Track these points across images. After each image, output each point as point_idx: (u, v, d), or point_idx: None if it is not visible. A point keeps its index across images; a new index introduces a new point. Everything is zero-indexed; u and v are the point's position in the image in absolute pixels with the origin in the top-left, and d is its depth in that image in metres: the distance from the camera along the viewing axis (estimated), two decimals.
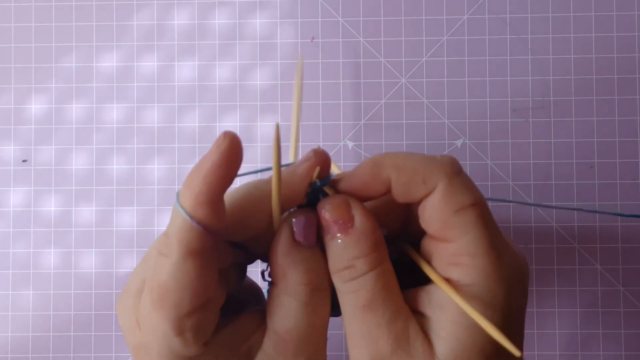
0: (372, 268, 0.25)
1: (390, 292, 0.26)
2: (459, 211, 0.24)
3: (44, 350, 0.42)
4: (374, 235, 0.26)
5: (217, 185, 0.24)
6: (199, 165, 0.24)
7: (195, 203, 0.24)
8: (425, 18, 0.42)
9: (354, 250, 0.26)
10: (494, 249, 0.25)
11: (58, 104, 0.43)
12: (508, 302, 0.25)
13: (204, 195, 0.24)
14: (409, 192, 0.25)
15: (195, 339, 0.25)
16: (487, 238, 0.24)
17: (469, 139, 0.42)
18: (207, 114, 0.43)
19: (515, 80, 0.42)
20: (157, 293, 0.24)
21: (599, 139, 0.42)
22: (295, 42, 0.43)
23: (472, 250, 0.24)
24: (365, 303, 0.25)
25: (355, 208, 0.26)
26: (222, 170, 0.24)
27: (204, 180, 0.24)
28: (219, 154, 0.23)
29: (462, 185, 0.25)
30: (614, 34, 0.42)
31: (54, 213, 0.43)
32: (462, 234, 0.24)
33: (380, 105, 0.42)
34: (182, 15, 0.43)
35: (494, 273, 0.24)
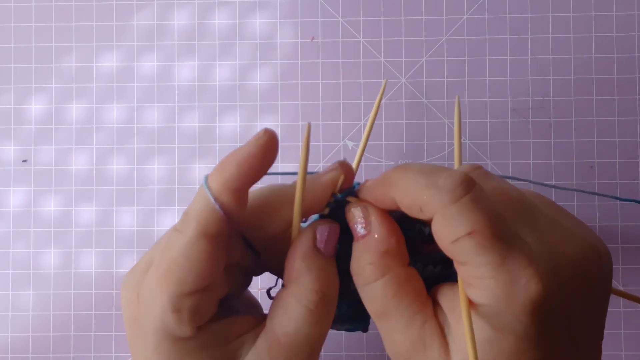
0: (379, 277, 0.26)
1: (404, 299, 0.26)
2: (456, 242, 0.24)
3: (44, 350, 0.42)
4: (385, 243, 0.26)
5: (247, 175, 0.25)
6: (234, 153, 0.25)
7: (224, 187, 0.25)
8: (425, 18, 0.42)
9: (364, 257, 0.27)
10: (503, 272, 0.23)
11: (58, 104, 0.43)
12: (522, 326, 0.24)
13: (233, 181, 0.25)
14: (412, 215, 0.26)
15: (190, 320, 0.25)
16: (491, 262, 0.23)
17: (469, 139, 0.42)
18: (207, 114, 0.43)
19: (515, 80, 0.42)
20: (164, 267, 0.25)
21: (599, 139, 0.42)
22: (295, 42, 0.43)
23: (479, 274, 0.24)
24: (379, 311, 0.26)
25: (372, 214, 0.27)
26: (256, 163, 0.25)
27: (237, 168, 0.25)
28: (257, 147, 0.25)
29: (457, 215, 0.24)
30: (614, 34, 0.42)
31: (54, 213, 0.43)
32: (467, 260, 0.24)
33: (380, 106, 0.42)
34: (182, 15, 0.43)
35: (502, 294, 0.23)
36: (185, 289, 0.25)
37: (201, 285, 0.25)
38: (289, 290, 0.27)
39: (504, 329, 0.24)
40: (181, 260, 0.25)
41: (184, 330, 0.25)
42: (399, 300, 0.26)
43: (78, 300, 0.42)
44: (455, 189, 0.24)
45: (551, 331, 0.24)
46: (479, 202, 0.24)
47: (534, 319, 0.24)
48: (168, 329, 0.25)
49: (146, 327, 0.26)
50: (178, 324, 0.25)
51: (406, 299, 0.26)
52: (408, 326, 0.25)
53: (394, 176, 0.26)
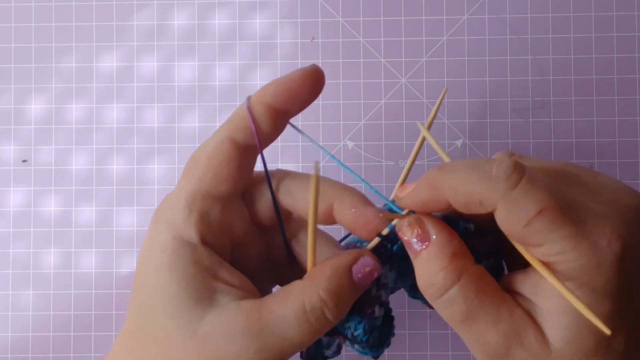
0: (455, 280, 0.25)
1: (485, 296, 0.25)
2: (528, 224, 0.24)
3: (44, 350, 0.42)
4: (450, 246, 0.26)
5: (283, 95, 0.27)
6: (280, 78, 0.27)
7: (259, 100, 0.26)
8: (425, 18, 0.42)
9: (433, 266, 0.26)
10: (583, 239, 0.24)
11: (58, 104, 0.43)
12: (613, 282, 0.24)
13: (270, 96, 0.26)
14: (471, 211, 0.25)
15: (199, 222, 0.26)
16: (569, 234, 0.24)
17: (469, 139, 0.42)
18: (207, 114, 0.43)
19: (515, 80, 0.42)
20: (189, 164, 0.27)
21: (599, 139, 0.42)
22: (295, 42, 0.43)
23: (559, 249, 0.24)
24: (463, 316, 0.25)
25: (428, 223, 0.26)
26: (295, 87, 0.26)
27: (276, 85, 0.26)
28: (300, 73, 0.26)
29: (521, 197, 0.24)
30: (614, 34, 0.42)
31: (54, 213, 0.43)
32: (543, 239, 0.24)
33: (380, 105, 0.42)
34: (182, 15, 0.43)
35: (589, 262, 0.23)
36: (202, 187, 0.26)
37: (218, 190, 0.26)
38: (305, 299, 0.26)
39: (598, 294, 0.24)
40: (203, 157, 0.27)
41: (189, 232, 0.26)
42: (482, 299, 0.25)
43: (78, 300, 0.42)
44: (510, 176, 0.24)
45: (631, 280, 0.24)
46: (537, 182, 0.24)
47: (625, 276, 0.24)
48: (175, 224, 0.26)
49: (161, 218, 0.27)
50: (185, 221, 0.26)
51: (488, 295, 0.25)
52: (498, 321, 0.25)
53: (440, 178, 0.26)
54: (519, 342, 0.25)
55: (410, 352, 0.41)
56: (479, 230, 0.28)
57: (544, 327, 0.25)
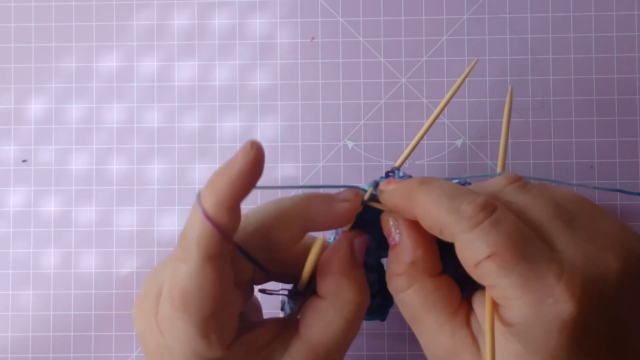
0: (406, 287, 0.27)
1: (430, 309, 0.26)
2: (477, 266, 0.24)
3: (44, 350, 0.42)
4: (412, 254, 0.27)
5: (240, 192, 0.24)
6: (224, 170, 0.24)
7: (219, 208, 0.24)
8: (425, 18, 0.42)
9: (393, 267, 0.28)
10: (528, 292, 0.23)
11: (58, 104, 0.43)
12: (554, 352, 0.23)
13: (229, 200, 0.24)
14: (434, 234, 0.26)
15: (219, 341, 0.26)
16: (515, 283, 0.23)
17: (469, 139, 0.42)
18: (207, 114, 0.43)
19: (515, 80, 0.42)
20: (179, 298, 0.25)
21: (599, 139, 0.42)
22: (295, 42, 0.43)
23: (506, 295, 0.24)
24: (411, 317, 0.27)
25: (400, 226, 0.28)
26: (247, 179, 0.24)
27: (230, 186, 0.24)
28: (247, 162, 0.24)
29: (476, 239, 0.24)
30: (614, 34, 0.42)
31: (54, 213, 0.43)
32: (492, 282, 0.24)
33: (380, 105, 0.42)
34: (182, 15, 0.43)
35: (531, 315, 0.23)
36: (207, 313, 0.25)
37: (220, 305, 0.25)
38: (328, 303, 0.27)
39: (534, 348, 0.23)
40: (193, 288, 0.25)
41: (215, 352, 0.26)
42: (427, 311, 0.26)
43: (78, 300, 0.42)
44: (475, 215, 0.24)
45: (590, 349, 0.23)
46: (500, 225, 0.24)
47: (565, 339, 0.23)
48: (200, 355, 0.26)
49: (177, 355, 0.26)
50: (209, 348, 0.25)
51: (433, 310, 0.26)
52: (437, 335, 0.26)
53: (418, 193, 0.26)
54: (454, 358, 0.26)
55: (410, 352, 0.41)
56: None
57: (484, 355, 0.25)
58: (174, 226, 0.42)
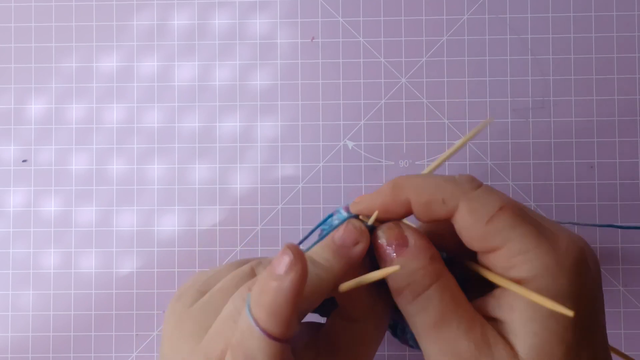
0: (433, 280, 0.26)
1: (460, 302, 0.26)
2: (490, 221, 0.24)
3: (44, 350, 0.42)
4: (430, 250, 0.26)
5: (298, 304, 0.24)
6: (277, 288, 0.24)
7: (284, 326, 0.24)
8: (425, 18, 0.42)
9: (412, 265, 0.26)
10: (544, 239, 0.24)
11: (58, 104, 0.43)
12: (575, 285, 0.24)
13: (290, 317, 0.24)
14: (430, 212, 0.26)
15: None
16: (530, 232, 0.24)
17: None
18: (207, 114, 0.43)
19: (515, 80, 0.42)
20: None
21: (599, 139, 0.42)
22: (295, 42, 0.43)
23: (522, 248, 0.24)
24: (437, 319, 0.25)
25: (406, 229, 0.27)
26: (302, 289, 0.24)
27: (289, 305, 0.24)
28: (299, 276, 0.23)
29: (483, 196, 0.25)
30: (614, 34, 0.42)
31: (54, 213, 0.43)
32: (505, 239, 0.24)
33: (380, 105, 0.42)
34: (182, 16, 0.43)
35: (551, 261, 0.24)
36: None
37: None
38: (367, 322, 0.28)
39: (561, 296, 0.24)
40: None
41: None
42: (457, 304, 0.25)
43: (78, 300, 0.42)
44: (473, 180, 0.26)
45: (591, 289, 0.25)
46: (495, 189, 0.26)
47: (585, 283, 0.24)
48: None
49: None
50: None
51: (463, 302, 0.26)
52: (470, 329, 0.25)
53: (405, 179, 0.26)
54: (489, 354, 0.25)
55: (410, 352, 0.41)
56: (449, 259, 0.28)
57: (513, 341, 0.25)
58: (174, 226, 0.42)
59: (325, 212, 0.42)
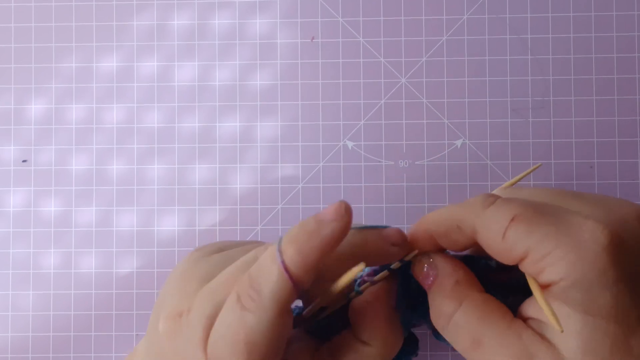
0: (456, 307, 0.26)
1: (490, 318, 0.25)
2: (505, 235, 0.24)
3: (44, 350, 0.42)
4: (454, 274, 0.27)
5: (327, 255, 0.24)
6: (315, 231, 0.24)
7: (304, 269, 0.24)
8: (425, 18, 0.42)
9: (439, 296, 0.27)
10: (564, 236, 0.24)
11: (58, 104, 0.43)
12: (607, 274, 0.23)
13: (315, 263, 0.24)
14: (452, 241, 0.27)
15: None
16: (548, 233, 0.24)
17: (469, 139, 0.42)
18: (207, 115, 0.43)
19: (515, 80, 0.42)
20: (245, 348, 0.24)
21: (599, 139, 0.42)
22: (295, 42, 0.43)
23: (543, 252, 0.24)
24: (470, 342, 0.25)
25: (434, 257, 0.28)
26: (338, 242, 0.24)
27: (320, 250, 0.24)
28: (341, 228, 0.24)
29: (494, 212, 0.25)
30: (614, 34, 0.42)
31: (54, 213, 0.43)
32: (525, 247, 0.24)
33: (380, 105, 0.42)
34: (182, 16, 0.43)
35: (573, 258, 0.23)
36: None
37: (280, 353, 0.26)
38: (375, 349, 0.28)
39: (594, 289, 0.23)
40: (261, 340, 0.24)
41: None
42: (487, 322, 0.25)
43: (78, 301, 0.42)
44: (485, 199, 0.26)
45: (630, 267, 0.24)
46: (512, 200, 0.25)
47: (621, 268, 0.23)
48: None
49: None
50: None
51: (493, 319, 0.26)
52: (506, 344, 0.25)
53: (424, 217, 0.27)
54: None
55: None
56: (500, 267, 0.28)
57: (556, 343, 0.24)
58: (174, 226, 0.42)
59: None
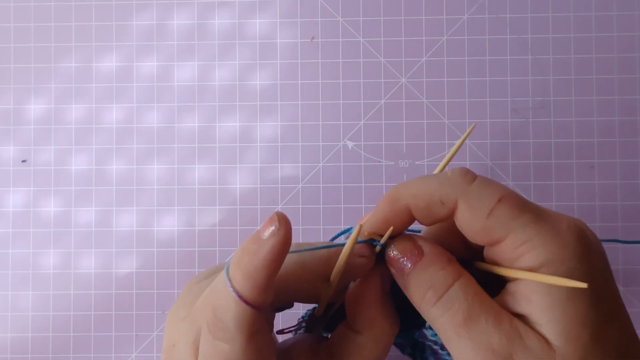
0: (455, 278, 0.26)
1: (484, 298, 0.25)
2: (490, 214, 0.24)
3: (44, 351, 0.42)
4: (445, 253, 0.27)
5: (275, 270, 0.24)
6: (254, 250, 0.24)
7: (257, 291, 0.24)
8: (425, 18, 0.42)
9: (432, 269, 0.26)
10: (545, 225, 0.24)
11: (58, 104, 0.43)
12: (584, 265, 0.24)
13: (264, 281, 0.24)
14: (431, 214, 0.26)
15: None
16: (531, 220, 0.24)
17: (469, 139, 0.42)
18: (207, 114, 0.43)
19: (515, 80, 0.42)
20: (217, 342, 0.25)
21: (599, 139, 0.42)
22: (295, 42, 0.43)
23: (525, 237, 0.24)
24: (465, 316, 0.25)
25: (419, 239, 0.27)
26: (281, 255, 0.24)
27: (265, 269, 0.24)
28: (279, 242, 0.24)
29: (479, 190, 0.25)
30: (614, 34, 0.42)
31: (54, 213, 0.43)
32: (507, 230, 0.24)
33: (380, 105, 0.42)
34: (182, 16, 0.43)
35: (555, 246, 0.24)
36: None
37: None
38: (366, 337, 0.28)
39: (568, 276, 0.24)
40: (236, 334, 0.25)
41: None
42: (482, 300, 0.25)
43: (78, 301, 0.42)
44: (465, 175, 0.26)
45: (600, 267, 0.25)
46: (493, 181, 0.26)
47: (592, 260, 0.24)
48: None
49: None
50: None
51: (487, 298, 0.25)
52: (499, 323, 0.25)
53: (399, 189, 0.27)
54: (522, 345, 0.24)
55: None
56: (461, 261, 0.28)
57: (540, 331, 0.24)
58: (174, 226, 0.42)
59: (325, 212, 0.42)
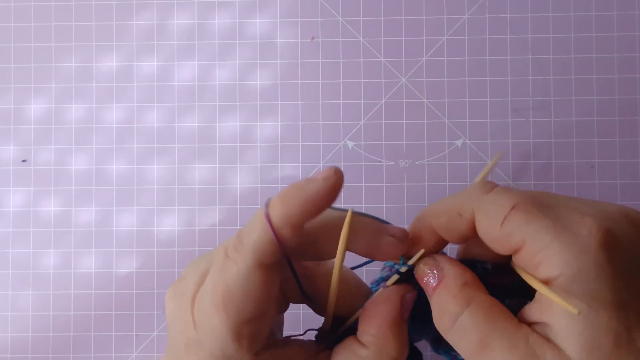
0: (464, 307, 0.26)
1: (497, 322, 0.25)
2: (504, 221, 0.24)
3: (44, 351, 0.42)
4: (462, 276, 0.27)
5: (311, 213, 0.25)
6: (302, 187, 0.25)
7: (286, 222, 0.25)
8: (425, 18, 0.42)
9: (445, 295, 0.26)
10: (562, 230, 0.24)
11: (58, 104, 0.43)
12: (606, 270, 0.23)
13: (298, 218, 0.25)
14: (454, 230, 0.26)
15: (250, 346, 0.26)
16: (546, 226, 0.24)
17: (469, 139, 0.42)
18: (207, 114, 0.43)
19: (515, 80, 0.42)
20: (221, 296, 0.25)
21: (599, 139, 0.42)
22: (295, 42, 0.43)
23: (541, 243, 0.24)
24: (477, 343, 0.25)
25: (440, 260, 0.27)
26: (322, 202, 0.25)
27: (303, 205, 0.25)
28: (326, 187, 0.25)
29: (494, 198, 0.25)
30: (614, 34, 0.42)
31: (54, 213, 0.43)
32: (522, 237, 0.24)
33: (380, 105, 0.42)
34: (182, 15, 0.43)
35: (571, 253, 0.23)
36: (245, 317, 0.25)
37: (258, 313, 0.26)
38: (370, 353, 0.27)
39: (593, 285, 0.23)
40: (238, 290, 0.25)
41: (243, 357, 0.26)
42: (494, 324, 0.25)
43: (78, 301, 0.42)
44: (484, 185, 0.26)
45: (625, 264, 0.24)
46: (510, 189, 0.26)
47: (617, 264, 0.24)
48: (228, 356, 0.26)
49: (206, 351, 0.26)
50: (238, 352, 0.26)
51: (500, 321, 0.25)
52: (513, 346, 0.24)
53: (422, 211, 0.27)
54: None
55: None
56: (497, 269, 0.28)
57: (561, 344, 0.24)
58: (174, 226, 0.42)
59: None
